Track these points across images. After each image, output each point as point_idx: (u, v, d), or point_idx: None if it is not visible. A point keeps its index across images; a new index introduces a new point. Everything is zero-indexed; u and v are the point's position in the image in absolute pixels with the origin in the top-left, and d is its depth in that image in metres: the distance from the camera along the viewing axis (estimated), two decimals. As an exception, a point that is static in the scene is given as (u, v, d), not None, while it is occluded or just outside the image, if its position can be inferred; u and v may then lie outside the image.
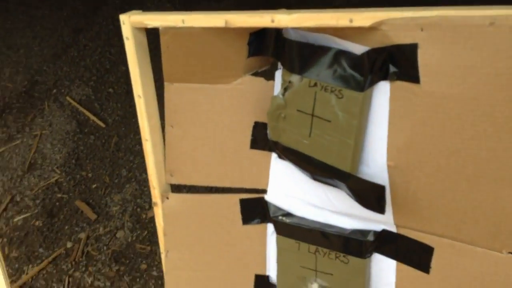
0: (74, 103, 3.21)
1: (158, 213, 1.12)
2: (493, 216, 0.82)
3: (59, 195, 2.54)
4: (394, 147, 0.87)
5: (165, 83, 1.05)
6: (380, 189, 0.86)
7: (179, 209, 1.11)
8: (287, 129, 0.97)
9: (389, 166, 0.88)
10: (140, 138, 1.10)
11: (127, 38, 0.99)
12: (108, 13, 4.23)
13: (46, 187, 2.59)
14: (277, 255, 1.08)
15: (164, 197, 1.11)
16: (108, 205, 2.47)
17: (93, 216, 2.39)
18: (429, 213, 0.88)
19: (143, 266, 2.14)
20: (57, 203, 2.50)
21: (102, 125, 3.01)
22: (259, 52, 0.99)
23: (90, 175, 2.67)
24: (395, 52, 0.81)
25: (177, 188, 1.16)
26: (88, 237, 2.31)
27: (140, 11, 1.01)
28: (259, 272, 1.12)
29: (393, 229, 0.95)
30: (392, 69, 0.83)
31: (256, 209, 1.08)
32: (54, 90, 3.37)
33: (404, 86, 0.83)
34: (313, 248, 1.01)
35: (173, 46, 0.98)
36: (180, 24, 0.94)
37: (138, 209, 2.43)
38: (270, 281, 1.12)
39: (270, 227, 1.08)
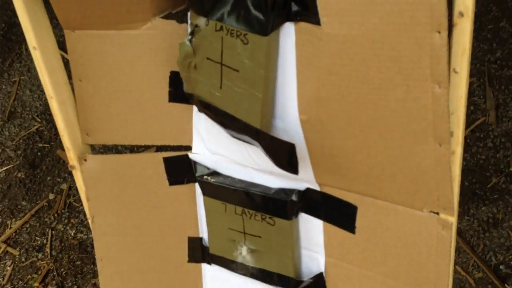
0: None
1: (78, 176, 1.06)
2: (409, 173, 0.72)
3: (40, 145, 2.51)
4: (304, 99, 0.76)
5: (65, 31, 0.94)
6: (290, 147, 0.76)
7: (100, 171, 1.04)
8: (199, 80, 0.87)
9: (301, 120, 0.78)
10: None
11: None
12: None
13: (27, 136, 2.55)
14: (206, 217, 1.01)
15: (82, 159, 1.03)
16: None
17: (74, 165, 2.37)
18: (347, 171, 0.79)
19: (125, 214, 2.13)
20: (39, 153, 2.46)
21: (84, 69, 2.91)
22: None
23: (72, 122, 2.61)
24: None
25: (102, 148, 1.08)
26: (70, 188, 2.29)
27: None
28: (192, 235, 1.06)
29: (316, 187, 0.86)
30: (294, 7, 0.71)
31: (182, 168, 1.00)
32: (34, 34, 3.24)
33: (307, 28, 0.71)
34: (239, 209, 0.94)
35: None
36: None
37: (122, 154, 2.38)
38: (203, 243, 1.06)
39: (199, 187, 1.01)
